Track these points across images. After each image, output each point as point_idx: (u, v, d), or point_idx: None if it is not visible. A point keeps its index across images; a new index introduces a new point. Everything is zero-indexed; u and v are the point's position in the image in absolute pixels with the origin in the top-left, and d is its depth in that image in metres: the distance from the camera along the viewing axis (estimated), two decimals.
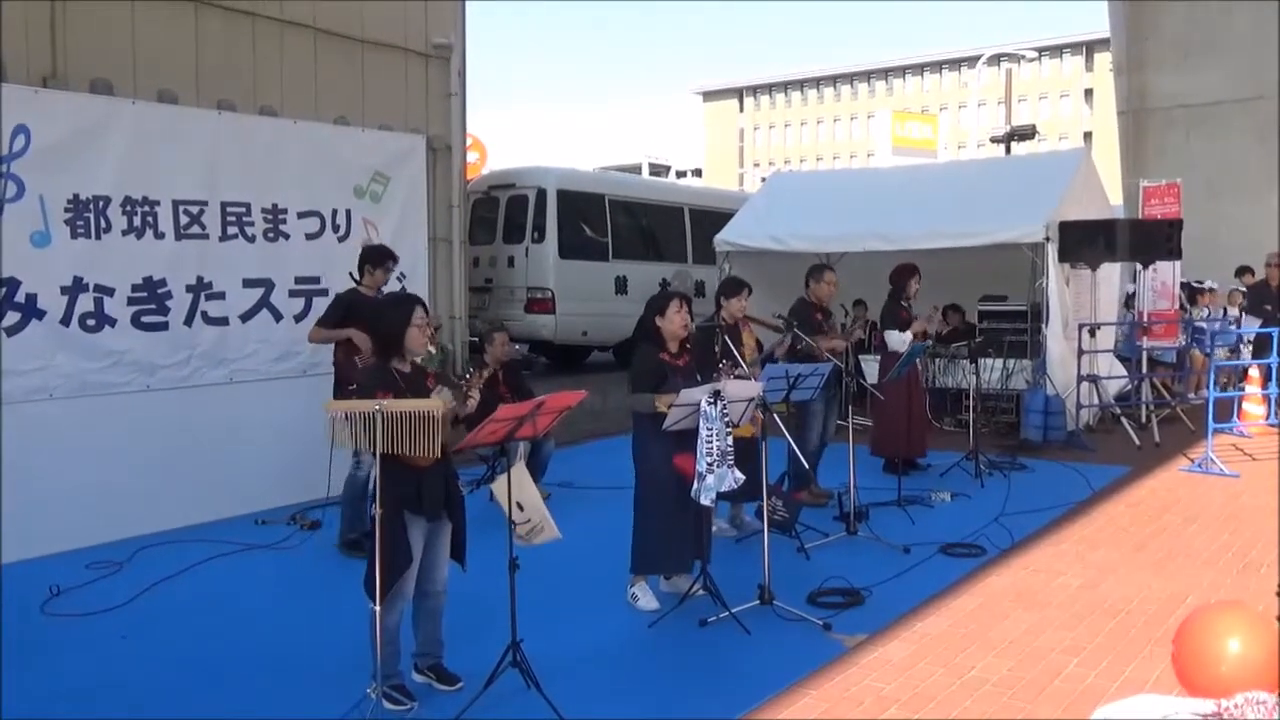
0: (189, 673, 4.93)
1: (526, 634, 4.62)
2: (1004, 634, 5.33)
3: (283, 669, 4.95)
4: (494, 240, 14.93)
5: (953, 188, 12.12)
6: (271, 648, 5.24)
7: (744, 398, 5.55)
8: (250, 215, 8.12)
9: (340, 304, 7.06)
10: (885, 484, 8.47)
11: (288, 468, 7.99)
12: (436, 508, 4.43)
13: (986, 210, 11.19)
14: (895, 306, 8.86)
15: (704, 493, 5.26)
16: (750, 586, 5.73)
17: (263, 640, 5.35)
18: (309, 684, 4.74)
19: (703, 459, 5.22)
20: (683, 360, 5.73)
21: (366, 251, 7.14)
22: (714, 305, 7.32)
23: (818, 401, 7.49)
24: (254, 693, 4.69)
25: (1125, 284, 13.50)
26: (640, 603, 5.75)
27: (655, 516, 5.63)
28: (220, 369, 7.96)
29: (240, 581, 6.39)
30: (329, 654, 5.08)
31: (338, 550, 6.79)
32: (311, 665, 4.97)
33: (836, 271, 8.27)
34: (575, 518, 7.31)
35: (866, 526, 7.25)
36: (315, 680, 4.78)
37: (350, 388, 6.47)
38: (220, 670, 4.96)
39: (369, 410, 4.07)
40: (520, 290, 14.49)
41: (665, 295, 5.77)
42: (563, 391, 4.71)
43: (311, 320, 7.64)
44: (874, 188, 12.98)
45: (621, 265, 15.24)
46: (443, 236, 12.20)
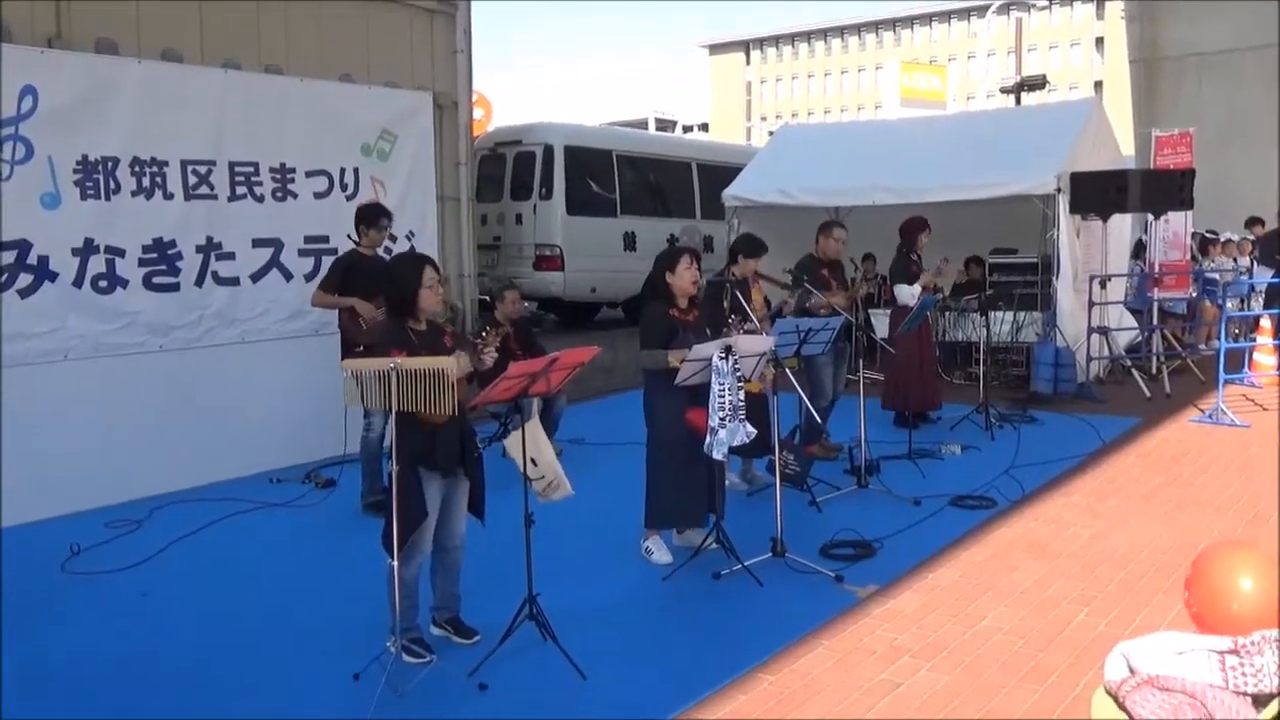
0: (208, 629, 5.00)
1: (542, 588, 4.67)
2: (1015, 584, 5.37)
3: (301, 624, 5.02)
4: (501, 198, 14.87)
5: (962, 139, 12.03)
6: (290, 604, 5.31)
7: (755, 352, 5.56)
8: (258, 175, 8.11)
9: (339, 266, 7.05)
10: (896, 437, 8.50)
11: (301, 426, 8.05)
12: (451, 464, 4.46)
13: (996, 162, 11.11)
14: (904, 260, 8.84)
15: (716, 447, 5.29)
16: (763, 540, 5.77)
17: (280, 596, 5.41)
18: (328, 639, 4.80)
19: (714, 414, 5.25)
20: (692, 316, 5.74)
21: (360, 211, 7.12)
22: (726, 260, 7.30)
23: (827, 356, 7.50)
24: (273, 647, 4.75)
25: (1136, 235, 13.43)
26: (654, 557, 5.80)
27: (668, 471, 5.67)
28: (232, 329, 7.99)
29: (257, 539, 6.46)
30: (348, 609, 5.14)
31: (361, 511, 6.85)
32: (330, 620, 5.04)
33: (846, 227, 8.24)
34: (588, 474, 7.36)
35: (877, 479, 7.29)
36: (335, 635, 4.84)
37: (357, 349, 6.52)
38: (239, 626, 5.03)
39: (384, 368, 4.09)
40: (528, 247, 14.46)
41: (675, 251, 5.77)
42: (575, 348, 4.73)
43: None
44: (882, 140, 12.89)
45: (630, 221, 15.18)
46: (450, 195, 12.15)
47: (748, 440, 5.35)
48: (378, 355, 4.26)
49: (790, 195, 12.02)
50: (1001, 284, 11.75)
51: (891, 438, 8.53)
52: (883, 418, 9.15)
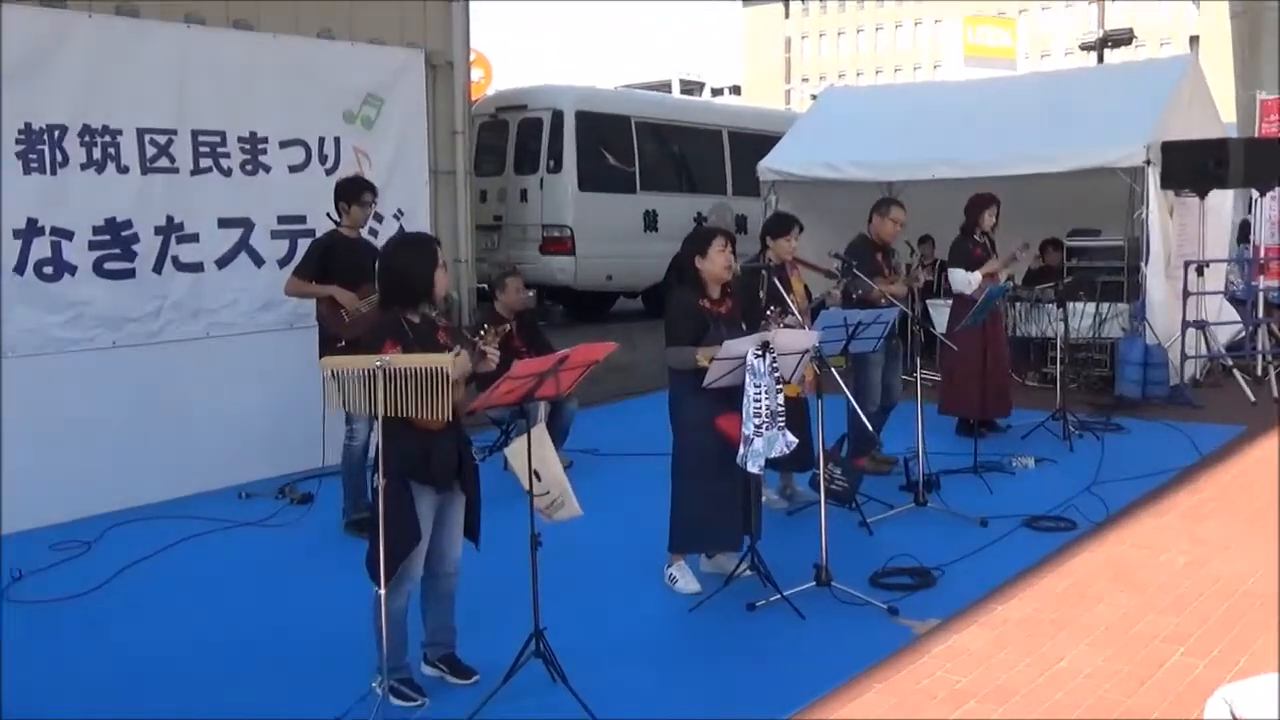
0: (168, 666, 5.01)
1: (551, 621, 4.66)
2: (1098, 619, 5.33)
3: (275, 662, 5.03)
4: (503, 171, 14.90)
5: (1035, 104, 11.97)
6: (261, 637, 5.31)
7: (796, 350, 5.54)
8: (225, 145, 8.14)
9: (318, 250, 7.06)
10: (959, 448, 8.46)
11: (275, 434, 8.06)
12: (447, 476, 4.46)
13: (1075, 130, 11.05)
14: (965, 242, 8.80)
15: (751, 459, 5.28)
16: (805, 566, 5.75)
17: (251, 629, 5.42)
18: (305, 679, 4.81)
19: (750, 420, 5.23)
20: (725, 307, 5.72)
21: (339, 187, 7.13)
22: (759, 244, 7.29)
23: (880, 354, 7.46)
24: (242, 687, 4.76)
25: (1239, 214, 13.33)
26: (679, 585, 5.79)
27: (696, 487, 5.65)
28: (195, 322, 8.02)
29: (224, 563, 6.48)
30: (328, 644, 5.15)
31: (343, 531, 6.86)
32: (308, 657, 5.04)
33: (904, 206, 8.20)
34: (603, 489, 7.34)
35: (937, 497, 7.25)
36: (312, 674, 4.85)
37: (339, 345, 6.52)
38: (203, 663, 5.04)
39: (369, 366, 4.09)
40: (534, 228, 14.48)
41: (707, 232, 5.75)
42: (587, 344, 4.72)
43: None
44: (943, 105, 12.84)
45: (651, 198, 15.19)
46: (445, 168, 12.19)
47: (788, 451, 5.33)
48: (364, 350, 4.26)
49: (836, 168, 11.98)
50: (1082, 271, 11.69)
51: (954, 449, 8.48)
52: (944, 426, 9.11)
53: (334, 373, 4.19)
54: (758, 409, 5.22)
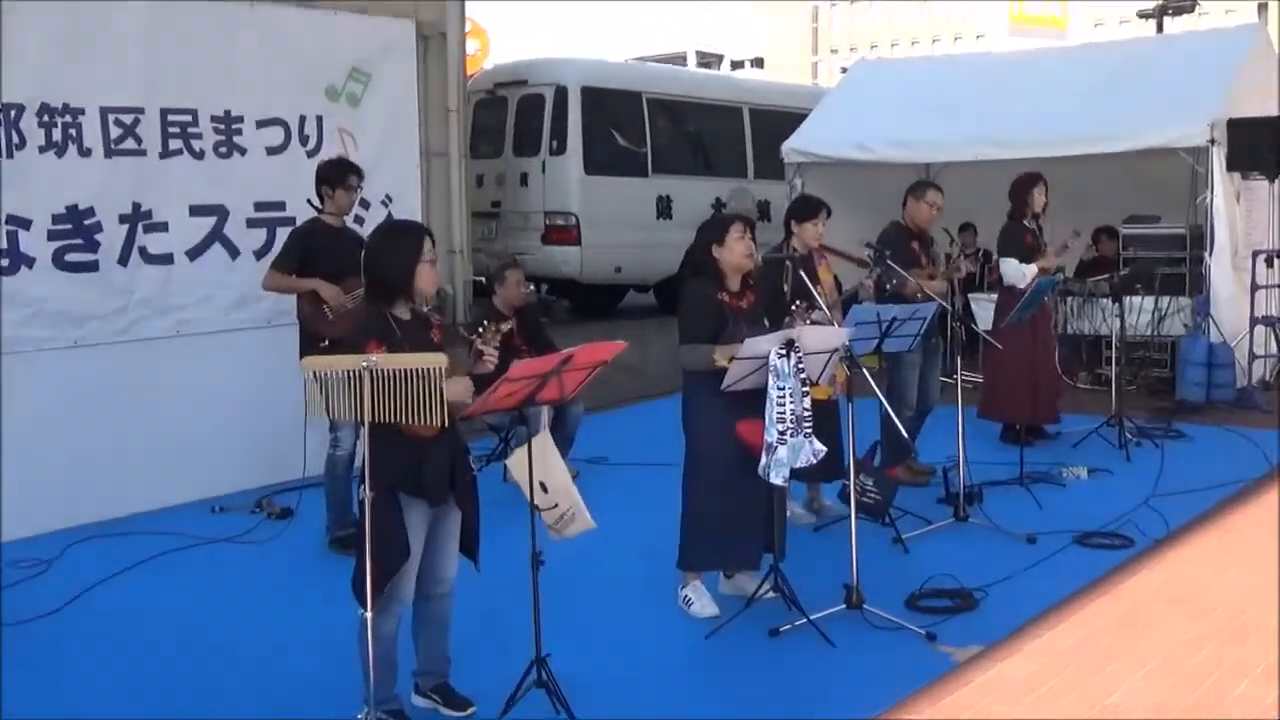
0: (135, 696, 5.02)
1: (554, 647, 4.66)
2: (1155, 647, 5.31)
3: (251, 693, 5.03)
4: (502, 153, 14.89)
5: (1087, 78, 11.94)
6: (235, 666, 5.32)
7: (825, 348, 5.54)
8: (197, 125, 8.16)
9: (299, 240, 7.07)
10: (1004, 457, 8.46)
11: (251, 442, 8.09)
12: (440, 488, 4.47)
13: (1132, 106, 11.03)
14: (1016, 229, 8.78)
15: (775, 469, 5.27)
16: (834, 587, 5.75)
17: (224, 658, 5.43)
18: (285, 711, 4.81)
19: (773, 426, 5.23)
20: (745, 301, 5.73)
21: (322, 170, 7.14)
22: (782, 232, 7.29)
23: (917, 353, 7.45)
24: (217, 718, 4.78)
25: None
26: (694, 608, 5.79)
27: (713, 500, 5.65)
28: (164, 319, 8.04)
29: (194, 584, 6.49)
30: (309, 673, 5.16)
31: (327, 549, 6.87)
32: (287, 688, 5.05)
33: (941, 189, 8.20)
34: (612, 501, 7.34)
35: (980, 511, 7.25)
36: (292, 706, 4.85)
37: (322, 344, 6.53)
38: (174, 692, 5.05)
39: (355, 367, 4.10)
40: (536, 216, 14.47)
41: (724, 219, 5.75)
42: (594, 343, 4.72)
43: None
44: (986, 79, 12.82)
45: (664, 182, 15.16)
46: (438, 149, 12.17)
47: (815, 460, 5.33)
48: (349, 350, 4.27)
49: (868, 149, 11.97)
50: (1139, 261, 11.65)
51: (998, 457, 8.48)
52: (987, 432, 9.10)
53: (316, 374, 4.20)
54: (781, 414, 5.22)
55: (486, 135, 14.96)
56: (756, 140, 16.02)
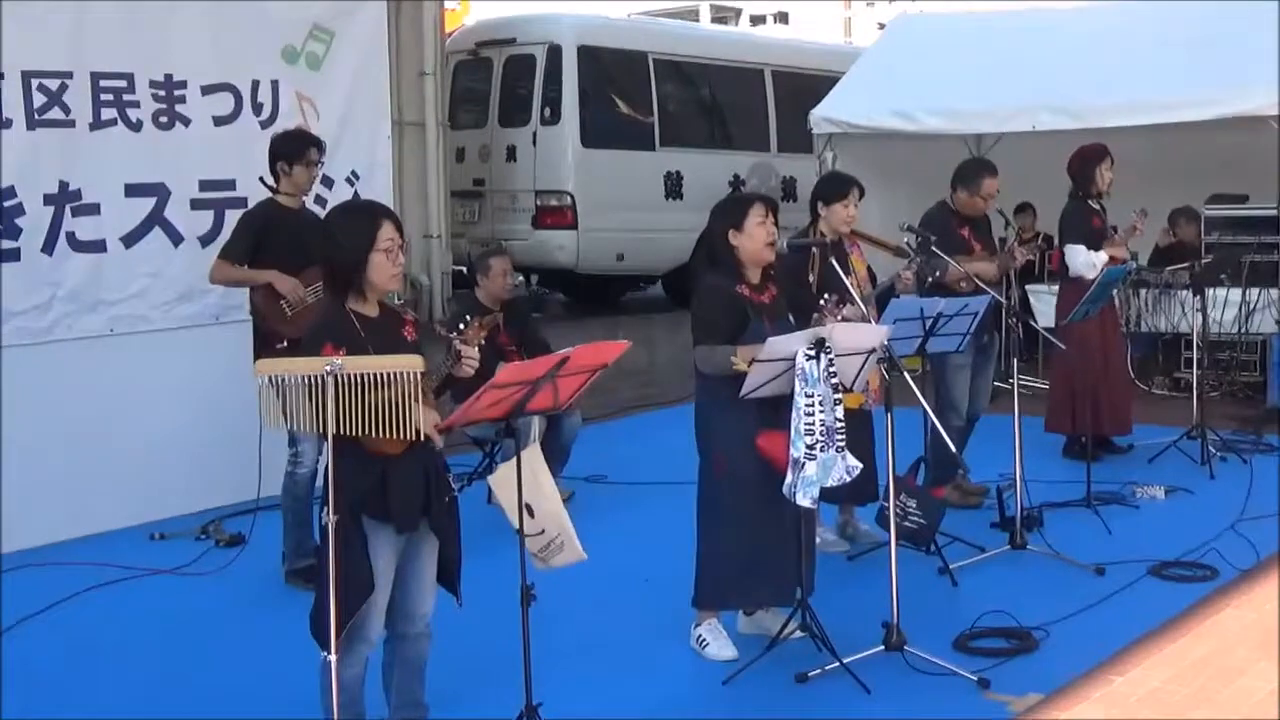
0: None
1: (546, 694, 4.65)
2: (1244, 693, 5.30)
3: None
4: (486, 123, 14.93)
5: (1165, 35, 11.91)
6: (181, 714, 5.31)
7: (860, 348, 5.52)
8: (133, 91, 8.16)
9: (251, 225, 7.05)
10: (1068, 474, 8.45)
11: (197, 458, 8.08)
12: (412, 511, 4.46)
13: (1215, 69, 11.00)
14: (1081, 210, 8.77)
15: (802, 488, 5.26)
16: (871, 625, 5.74)
17: (167, 706, 5.42)
18: None
19: (800, 439, 5.22)
20: (768, 295, 5.72)
21: (277, 143, 7.11)
22: (809, 214, 7.27)
23: (967, 353, 7.44)
24: None
25: None
26: (710, 649, 5.78)
27: (730, 526, 5.64)
28: (96, 315, 8.04)
29: (130, 622, 6.48)
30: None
31: (285, 582, 6.87)
32: None
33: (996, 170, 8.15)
34: (614, 526, 7.35)
35: (1040, 537, 7.23)
36: None
37: (279, 344, 6.52)
38: None
39: (317, 371, 4.10)
40: (525, 195, 14.51)
41: (742, 199, 5.74)
42: (593, 343, 4.72)
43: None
44: (1045, 37, 12.79)
45: (674, 156, 15.19)
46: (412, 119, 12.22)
47: (849, 479, 5.32)
48: (308, 353, 4.27)
49: (910, 118, 11.96)
50: (1224, 249, 11.61)
51: (1061, 475, 8.47)
52: (1048, 445, 9.09)
53: (272, 379, 4.20)
54: (810, 425, 5.21)
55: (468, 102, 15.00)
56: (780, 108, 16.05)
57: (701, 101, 16.14)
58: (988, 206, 8.03)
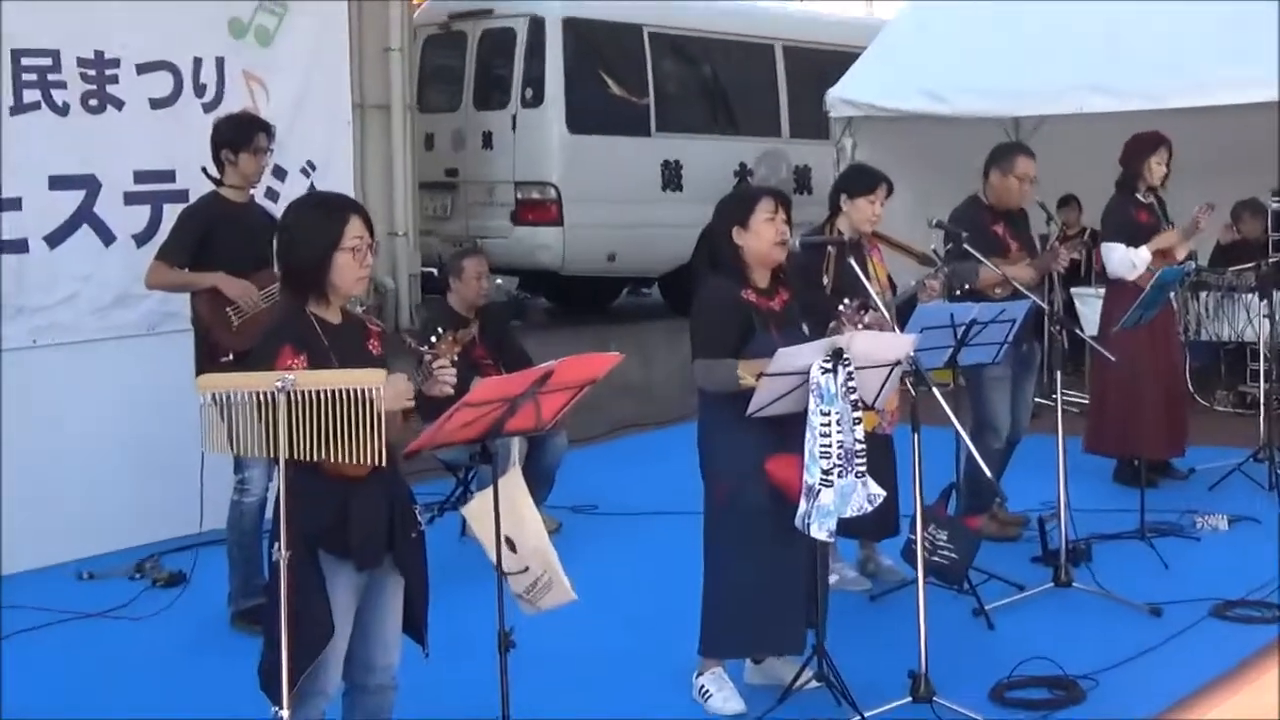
0: None
1: None
2: None
3: None
4: (459, 105, 14.92)
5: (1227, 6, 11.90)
6: None
7: (882, 360, 5.52)
8: (59, 70, 8.16)
9: (193, 221, 7.03)
10: (1119, 501, 8.46)
11: (131, 486, 8.07)
12: (374, 546, 4.45)
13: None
14: (1125, 204, 8.77)
15: (818, 519, 5.25)
16: (896, 674, 5.75)
17: None
18: None
19: (815, 463, 5.22)
20: (777, 300, 5.71)
21: (222, 129, 7.10)
22: (828, 208, 7.27)
23: (1004, 366, 7.43)
24: None
25: None
26: (714, 701, 5.76)
27: (734, 561, 5.63)
28: (16, 324, 8.02)
29: (58, 672, 6.46)
30: None
31: (231, 626, 6.87)
32: None
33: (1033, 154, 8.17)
34: (606, 563, 7.35)
35: (1087, 573, 7.23)
36: None
37: (225, 358, 6.52)
38: None
39: (267, 388, 4.09)
40: (504, 187, 14.48)
41: (748, 193, 5.74)
42: (581, 355, 4.72)
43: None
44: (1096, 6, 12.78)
45: (672, 143, 15.17)
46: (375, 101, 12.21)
47: (870, 508, 5.32)
48: (258, 365, 4.27)
49: (941, 98, 11.94)
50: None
51: (1111, 502, 8.48)
52: (1096, 470, 9.10)
53: (217, 397, 4.19)
54: (826, 447, 5.20)
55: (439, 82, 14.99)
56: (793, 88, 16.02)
57: (703, 81, 16.11)
58: (1023, 193, 7.96)
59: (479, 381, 4.44)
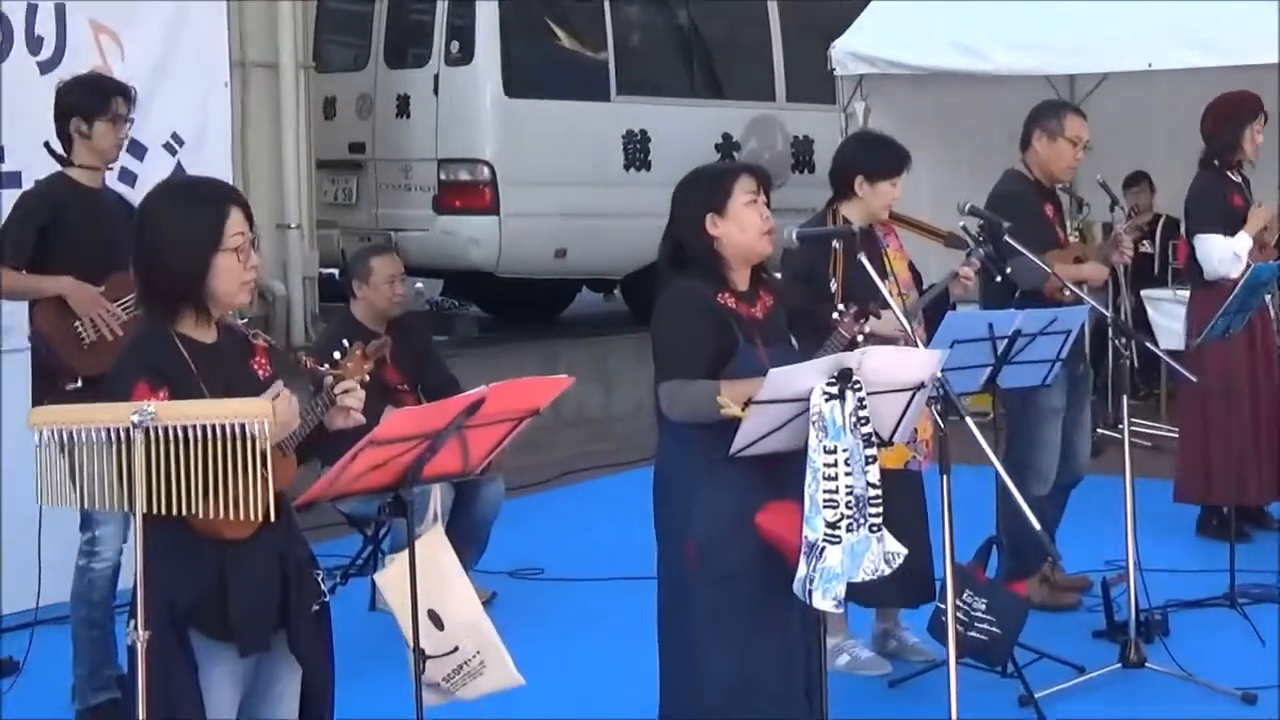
0: None
1: None
2: None
3: None
4: (366, 62, 14.92)
5: None
6: None
7: (903, 383, 5.52)
8: None
9: (32, 212, 7.00)
10: (1204, 560, 8.52)
11: None
12: (262, 625, 4.45)
13: None
14: (1215, 184, 8.80)
15: (821, 585, 5.24)
16: None
17: None
18: None
19: (818, 514, 5.21)
20: (760, 306, 5.68)
21: (67, 93, 7.08)
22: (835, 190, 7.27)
23: (1058, 385, 7.46)
24: None
25: None
26: None
27: (709, 647, 5.58)
28: None
29: None
30: None
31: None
32: None
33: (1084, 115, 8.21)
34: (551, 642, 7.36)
35: (1163, 649, 7.26)
36: None
37: (70, 385, 6.50)
38: None
39: (121, 424, 4.08)
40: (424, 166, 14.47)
41: (721, 172, 5.75)
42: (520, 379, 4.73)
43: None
44: None
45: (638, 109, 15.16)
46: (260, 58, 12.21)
47: (888, 570, 5.31)
48: (111, 395, 4.25)
49: (976, 52, 11.96)
50: None
51: (1193, 560, 8.54)
52: (1173, 518, 9.14)
53: (57, 435, 4.18)
54: (832, 494, 5.19)
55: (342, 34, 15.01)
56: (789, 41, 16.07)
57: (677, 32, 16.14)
58: (1076, 158, 7.94)
59: (391, 412, 4.43)
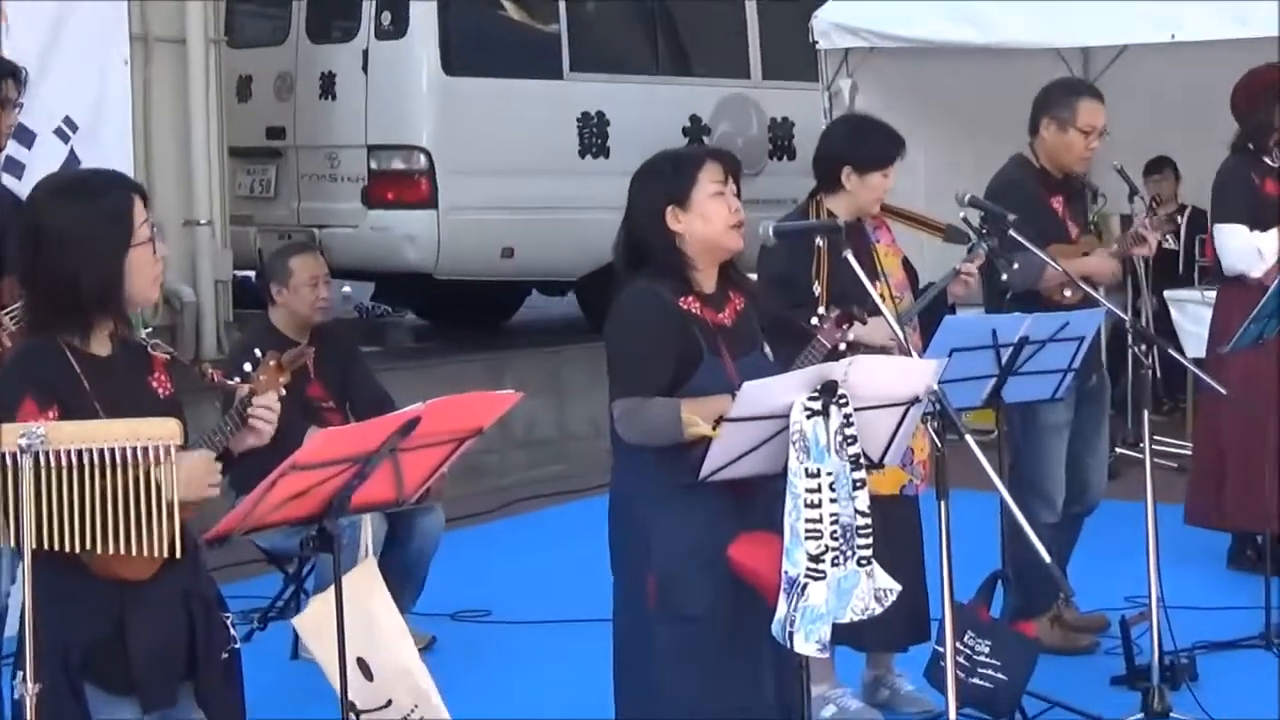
0: None
1: None
2: None
3: None
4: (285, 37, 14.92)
5: None
6: None
7: (895, 397, 5.54)
8: None
9: None
10: (1235, 595, 8.56)
11: None
12: (168, 677, 4.46)
13: None
14: (1244, 170, 8.83)
15: (804, 626, 5.25)
16: None
17: None
18: None
19: (799, 547, 5.22)
20: (729, 311, 5.67)
21: None
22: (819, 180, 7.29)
23: (1067, 400, 7.49)
24: None
25: None
26: None
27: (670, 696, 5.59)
28: None
29: None
30: None
31: None
32: None
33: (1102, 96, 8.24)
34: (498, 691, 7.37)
35: (1190, 697, 7.29)
36: None
37: None
38: None
39: (6, 448, 4.08)
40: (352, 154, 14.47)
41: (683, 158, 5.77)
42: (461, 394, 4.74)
43: None
44: None
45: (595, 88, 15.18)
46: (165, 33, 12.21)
47: (879, 609, 5.33)
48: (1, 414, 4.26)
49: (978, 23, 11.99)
50: None
51: (1224, 596, 8.58)
52: (1202, 549, 9.19)
53: None
54: (815, 523, 5.21)
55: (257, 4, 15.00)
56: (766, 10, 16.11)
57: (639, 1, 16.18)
58: (1089, 148, 7.96)
59: (315, 433, 4.43)
